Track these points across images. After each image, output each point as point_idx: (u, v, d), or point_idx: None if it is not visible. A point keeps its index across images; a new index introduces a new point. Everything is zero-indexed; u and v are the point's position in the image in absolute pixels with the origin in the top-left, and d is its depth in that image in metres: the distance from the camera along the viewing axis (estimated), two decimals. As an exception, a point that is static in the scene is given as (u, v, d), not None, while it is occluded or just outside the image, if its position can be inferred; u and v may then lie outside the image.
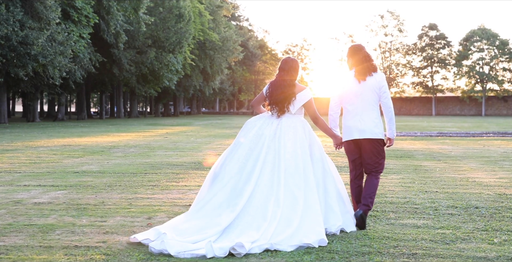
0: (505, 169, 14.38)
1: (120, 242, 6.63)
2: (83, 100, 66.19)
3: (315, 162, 7.40)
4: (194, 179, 12.32)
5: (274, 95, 7.51)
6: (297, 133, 7.37)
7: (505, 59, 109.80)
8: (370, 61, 7.81)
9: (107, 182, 11.74)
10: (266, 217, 6.75)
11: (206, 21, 78.67)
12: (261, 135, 7.37)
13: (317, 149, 7.47)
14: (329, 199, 7.35)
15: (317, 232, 6.69)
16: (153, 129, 38.83)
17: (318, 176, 7.34)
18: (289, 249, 6.43)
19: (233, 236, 6.53)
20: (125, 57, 60.33)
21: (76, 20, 45.56)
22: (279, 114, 7.49)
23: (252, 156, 7.24)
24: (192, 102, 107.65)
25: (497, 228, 7.47)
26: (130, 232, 7.15)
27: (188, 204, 9.08)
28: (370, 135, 7.71)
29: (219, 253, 6.12)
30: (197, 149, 20.36)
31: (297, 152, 7.23)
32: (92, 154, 18.16)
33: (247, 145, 7.33)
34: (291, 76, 7.56)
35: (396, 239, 6.89)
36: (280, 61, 7.72)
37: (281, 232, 6.64)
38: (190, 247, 6.25)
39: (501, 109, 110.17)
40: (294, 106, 7.48)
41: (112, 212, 8.51)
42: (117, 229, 7.34)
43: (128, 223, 7.74)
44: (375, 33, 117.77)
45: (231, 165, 7.24)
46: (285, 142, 7.27)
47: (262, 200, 6.93)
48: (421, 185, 11.34)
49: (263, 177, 7.08)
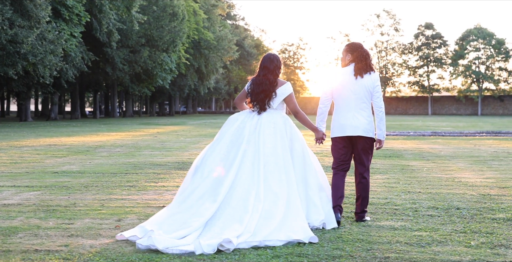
0: (493, 168, 14.14)
1: (83, 246, 6.37)
2: (77, 99, 65.91)
3: (296, 156, 7.42)
4: (174, 179, 12.07)
5: (255, 93, 7.56)
6: (277, 127, 7.41)
7: (501, 58, 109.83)
8: (369, 59, 7.83)
9: (84, 182, 11.48)
10: (248, 209, 6.79)
11: (201, 20, 78.35)
12: (242, 128, 7.44)
13: (299, 143, 7.50)
14: (310, 193, 7.38)
15: (304, 229, 6.72)
16: (145, 129, 38.53)
17: (299, 171, 7.38)
18: (279, 243, 6.48)
19: (216, 229, 6.57)
20: (118, 56, 59.99)
21: (67, 19, 45.18)
22: (260, 111, 7.55)
23: (233, 148, 7.29)
24: (188, 101, 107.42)
25: (476, 230, 7.22)
26: (96, 235, 6.90)
27: (162, 205, 8.85)
28: (363, 132, 7.72)
29: (208, 249, 6.12)
30: (184, 149, 20.10)
31: (277, 148, 7.27)
32: (76, 154, 17.90)
33: (229, 138, 7.39)
34: (274, 75, 7.59)
35: (371, 241, 6.64)
36: (263, 58, 7.72)
37: (265, 225, 6.68)
38: (177, 242, 6.26)
39: (497, 108, 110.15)
40: (275, 102, 7.54)
41: (81, 213, 8.24)
42: (82, 232, 7.08)
43: (96, 225, 7.48)
44: (371, 32, 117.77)
45: (212, 157, 7.28)
46: (264, 137, 7.32)
47: (243, 192, 6.96)
48: (405, 185, 11.09)
49: (244, 170, 7.13)
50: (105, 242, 6.59)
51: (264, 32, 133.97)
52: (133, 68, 63.09)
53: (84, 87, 72.90)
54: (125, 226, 7.38)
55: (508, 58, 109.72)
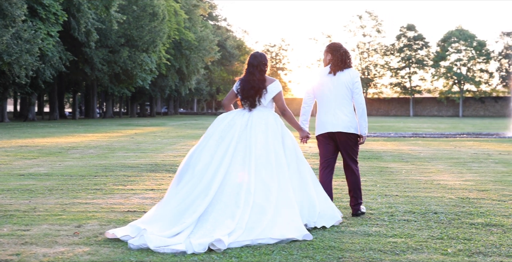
0: (473, 171, 13.82)
1: (35, 255, 5.96)
2: (55, 100, 65.18)
3: (289, 153, 7.47)
4: (144, 182, 11.63)
5: (245, 90, 7.65)
6: (268, 124, 7.46)
7: (482, 60, 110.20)
8: (345, 57, 8.04)
9: (50, 185, 11.03)
10: (239, 204, 6.81)
11: (182, 20, 77.80)
12: (232, 125, 7.47)
13: (291, 140, 7.56)
14: (307, 188, 7.46)
15: (297, 226, 6.74)
16: (123, 130, 37.96)
17: (293, 167, 7.44)
18: (272, 241, 6.51)
19: (208, 226, 6.60)
20: (97, 56, 59.34)
21: (43, 18, 44.44)
22: (251, 108, 7.61)
23: (223, 144, 7.30)
24: (169, 102, 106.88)
25: (453, 236, 6.86)
26: (52, 243, 6.48)
27: (127, 210, 8.49)
28: (343, 128, 7.94)
29: (199, 249, 6.13)
30: (159, 150, 19.64)
31: (268, 144, 7.31)
32: (48, 155, 17.41)
33: (218, 134, 7.41)
34: (260, 71, 7.69)
35: (343, 249, 6.27)
36: (249, 57, 7.82)
37: (257, 221, 6.70)
38: (168, 241, 6.28)
39: (478, 110, 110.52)
40: (265, 99, 7.60)
41: (40, 219, 7.81)
42: (38, 239, 6.65)
43: (54, 232, 7.05)
44: (353, 33, 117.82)
45: (202, 153, 7.28)
46: (256, 133, 7.36)
47: (234, 187, 6.98)
48: (382, 188, 10.74)
49: (235, 165, 7.15)
50: (60, 250, 6.18)
51: (247, 33, 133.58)
52: (113, 68, 62.42)
53: (63, 87, 72.22)
54: (84, 232, 6.98)
55: (489, 60, 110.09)
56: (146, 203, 9.14)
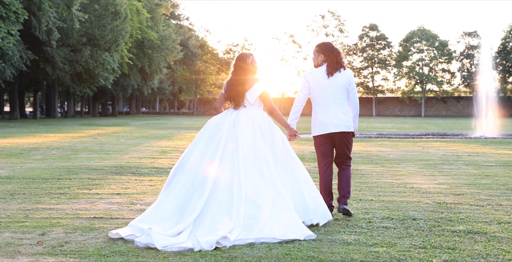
0: (444, 173, 13.62)
1: (-4, 267, 5.57)
2: (16, 99, 64.09)
3: (278, 150, 7.62)
4: (110, 185, 11.22)
5: (229, 92, 7.81)
6: (255, 122, 7.59)
7: (444, 60, 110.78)
8: (339, 57, 8.30)
9: (11, 189, 10.59)
10: (233, 201, 6.93)
11: (144, 19, 77.03)
12: (221, 124, 7.60)
13: (279, 138, 7.70)
14: (299, 184, 7.59)
15: (299, 226, 6.88)
16: (86, 130, 37.32)
17: (284, 164, 7.60)
18: (275, 241, 6.60)
19: (206, 224, 6.72)
20: (59, 55, 58.47)
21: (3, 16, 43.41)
22: (236, 107, 7.75)
23: (213, 142, 7.46)
24: (131, 102, 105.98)
25: (436, 244, 6.57)
26: (14, 253, 6.10)
27: (94, 216, 8.14)
28: (344, 128, 8.13)
29: (206, 246, 6.26)
30: (123, 152, 19.18)
31: (256, 141, 7.46)
32: (8, 157, 16.88)
33: (208, 133, 7.58)
34: (245, 74, 7.82)
35: (322, 260, 5.95)
36: (235, 58, 7.97)
37: (254, 217, 6.82)
38: (173, 241, 6.39)
39: (440, 110, 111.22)
40: (251, 98, 7.73)
41: (1, 227, 7.40)
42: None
43: (16, 240, 6.66)
44: (316, 33, 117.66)
45: (193, 152, 7.44)
46: (243, 131, 7.48)
47: (227, 184, 7.10)
48: (355, 192, 10.46)
49: (225, 163, 7.26)
50: (23, 261, 5.80)
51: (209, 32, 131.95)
52: (74, 67, 61.55)
53: (23, 87, 71.17)
54: (49, 241, 6.60)
55: (451, 60, 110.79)
56: (112, 209, 8.77)
